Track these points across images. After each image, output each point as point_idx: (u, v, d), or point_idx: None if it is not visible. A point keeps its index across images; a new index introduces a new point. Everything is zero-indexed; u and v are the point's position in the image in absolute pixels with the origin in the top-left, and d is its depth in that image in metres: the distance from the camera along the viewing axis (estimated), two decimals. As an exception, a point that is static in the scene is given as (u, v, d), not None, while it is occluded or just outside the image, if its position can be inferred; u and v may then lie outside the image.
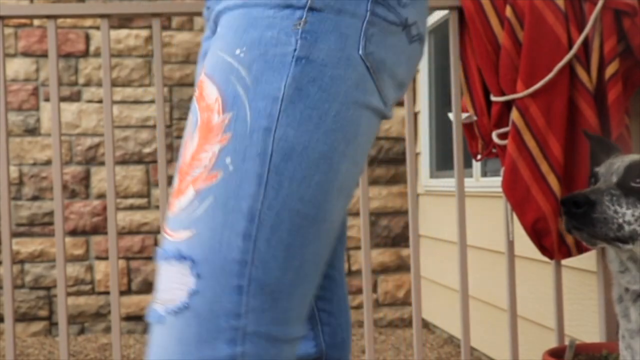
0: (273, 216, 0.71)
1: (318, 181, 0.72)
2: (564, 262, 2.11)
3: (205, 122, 0.73)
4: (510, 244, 2.13)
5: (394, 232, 4.06)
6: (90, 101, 3.92)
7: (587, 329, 2.28)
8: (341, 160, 0.74)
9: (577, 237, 1.18)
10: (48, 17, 2.02)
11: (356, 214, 4.00)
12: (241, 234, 0.70)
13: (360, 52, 0.75)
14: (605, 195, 1.14)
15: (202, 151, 0.72)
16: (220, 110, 0.73)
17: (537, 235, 1.95)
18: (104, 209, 3.83)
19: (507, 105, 2.00)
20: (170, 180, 2.04)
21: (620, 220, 1.13)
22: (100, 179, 3.88)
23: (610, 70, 1.86)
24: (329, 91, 0.73)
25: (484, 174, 3.13)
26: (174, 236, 0.72)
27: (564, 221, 1.17)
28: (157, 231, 3.86)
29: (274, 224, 0.71)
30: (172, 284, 0.70)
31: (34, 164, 3.88)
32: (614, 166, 1.20)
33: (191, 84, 3.94)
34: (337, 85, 0.73)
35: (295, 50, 0.73)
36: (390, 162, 4.07)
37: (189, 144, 0.74)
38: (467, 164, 2.52)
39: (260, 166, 0.71)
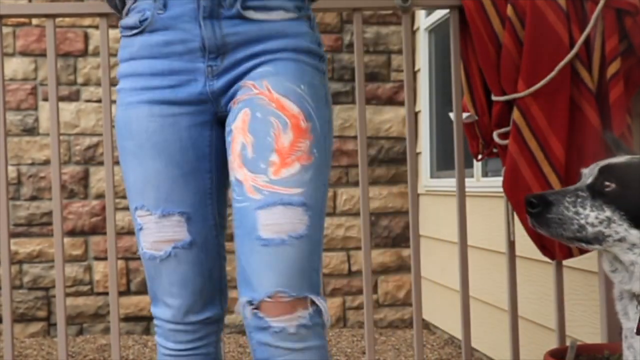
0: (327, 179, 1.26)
1: (331, 155, 1.29)
2: (565, 262, 2.11)
3: (295, 125, 1.19)
4: (511, 244, 2.12)
5: (394, 233, 4.05)
6: (89, 101, 3.91)
7: (588, 329, 2.27)
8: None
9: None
10: (46, 16, 2.01)
11: (356, 214, 3.99)
12: (325, 192, 1.23)
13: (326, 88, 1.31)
14: (567, 197, 1.17)
15: (298, 142, 1.19)
16: (304, 119, 1.20)
17: (538, 235, 1.94)
18: (103, 209, 3.82)
19: (508, 105, 1.99)
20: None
21: (583, 222, 1.16)
22: (99, 178, 3.87)
23: (611, 69, 1.86)
24: (331, 109, 1.30)
25: (485, 174, 3.13)
26: (289, 191, 1.16)
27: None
28: (156, 231, 3.84)
29: (326, 183, 1.25)
30: (294, 220, 1.15)
31: (32, 164, 3.86)
32: (595, 168, 1.21)
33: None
34: (331, 106, 1.31)
35: (325, 94, 1.28)
36: (391, 162, 4.06)
37: (283, 135, 1.18)
38: (468, 164, 2.51)
39: (327, 155, 1.25)
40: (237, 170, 1.19)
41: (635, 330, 1.18)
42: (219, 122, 1.27)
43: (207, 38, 1.20)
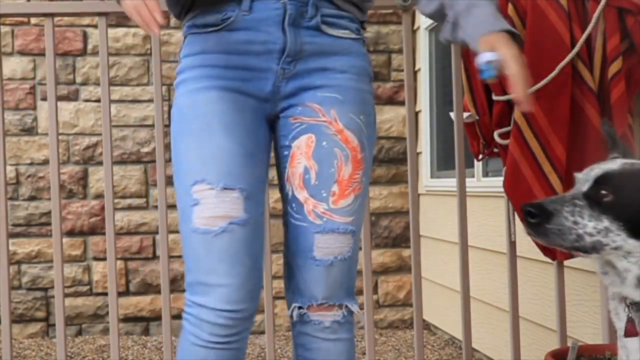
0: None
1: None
2: (566, 262, 2.10)
3: (354, 157, 1.36)
4: (512, 245, 2.11)
5: (394, 233, 4.05)
6: (87, 100, 3.90)
7: (589, 330, 2.27)
8: None
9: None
10: (45, 15, 2.00)
11: (356, 214, 3.98)
12: (364, 214, 1.45)
13: None
14: (566, 206, 1.14)
15: (355, 174, 1.36)
16: (360, 151, 1.36)
17: (540, 235, 1.93)
18: (102, 209, 3.81)
19: (509, 105, 1.98)
20: (168, 180, 2.02)
21: (581, 231, 1.13)
22: (98, 178, 3.86)
23: (613, 68, 1.85)
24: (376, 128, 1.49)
25: (486, 173, 3.12)
26: (343, 220, 1.35)
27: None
28: (155, 231, 3.84)
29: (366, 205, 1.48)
30: (342, 244, 1.35)
31: (31, 164, 3.85)
32: (591, 173, 1.19)
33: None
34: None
35: (374, 117, 1.43)
36: (391, 162, 4.05)
37: (345, 168, 1.35)
38: (469, 164, 2.50)
39: (369, 179, 1.42)
40: (297, 190, 1.35)
41: (623, 332, 1.19)
42: (268, 122, 1.38)
43: (290, 42, 1.31)
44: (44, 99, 3.82)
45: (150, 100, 3.89)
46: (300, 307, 1.37)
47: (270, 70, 1.32)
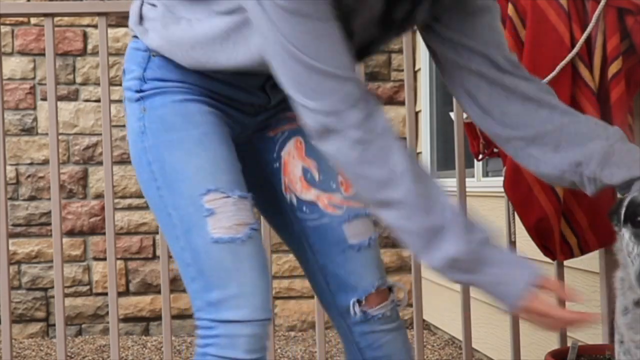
0: None
1: None
2: (566, 262, 2.10)
3: None
4: (512, 245, 2.11)
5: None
6: (87, 100, 3.90)
7: (589, 330, 2.26)
8: None
9: None
10: (45, 15, 2.01)
11: (356, 214, 3.98)
12: None
13: None
14: None
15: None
16: None
17: (540, 235, 1.93)
18: (102, 209, 3.81)
19: (509, 105, 1.98)
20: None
21: None
22: (98, 178, 3.86)
23: (613, 69, 1.85)
24: None
25: (486, 173, 3.12)
26: (359, 205, 1.33)
27: None
28: (155, 231, 3.83)
29: None
30: (368, 227, 1.37)
31: (31, 164, 3.85)
32: None
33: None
34: None
35: None
36: (390, 162, 4.05)
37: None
38: (469, 164, 2.50)
39: None
40: (302, 192, 1.34)
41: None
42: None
43: (272, 100, 1.34)
44: (44, 99, 3.82)
45: (150, 100, 3.89)
46: (359, 301, 1.31)
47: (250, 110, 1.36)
